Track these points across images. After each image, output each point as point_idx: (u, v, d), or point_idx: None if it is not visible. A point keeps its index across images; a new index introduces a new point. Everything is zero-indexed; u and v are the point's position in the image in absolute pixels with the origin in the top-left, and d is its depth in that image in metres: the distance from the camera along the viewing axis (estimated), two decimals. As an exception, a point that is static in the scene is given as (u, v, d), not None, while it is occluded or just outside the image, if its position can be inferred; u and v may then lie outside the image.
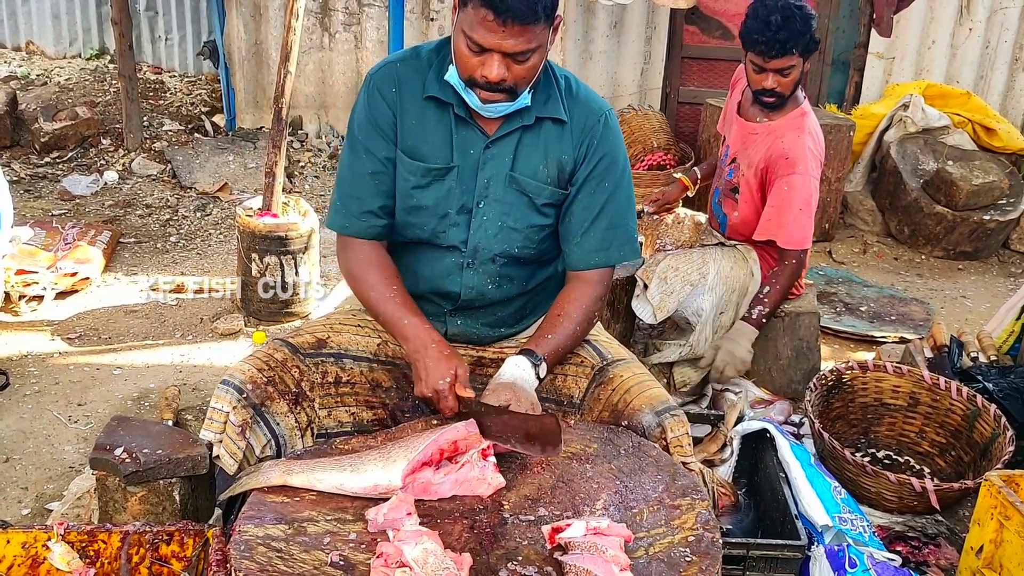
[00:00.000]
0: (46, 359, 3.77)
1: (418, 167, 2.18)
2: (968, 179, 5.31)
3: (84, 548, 2.08)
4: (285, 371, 2.18)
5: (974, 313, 4.74)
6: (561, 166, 2.20)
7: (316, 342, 2.25)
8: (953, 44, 6.08)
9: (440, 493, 1.87)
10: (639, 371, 2.25)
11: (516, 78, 2.02)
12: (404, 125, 2.18)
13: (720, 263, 3.42)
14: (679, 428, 2.11)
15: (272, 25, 6.25)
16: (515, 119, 2.15)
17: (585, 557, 1.64)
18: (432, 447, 1.88)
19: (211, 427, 2.15)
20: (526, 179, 2.19)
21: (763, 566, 2.46)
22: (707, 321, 3.40)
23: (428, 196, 2.20)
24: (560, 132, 2.19)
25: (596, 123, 2.20)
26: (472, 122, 2.16)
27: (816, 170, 3.29)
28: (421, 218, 2.22)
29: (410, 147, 2.18)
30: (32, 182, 5.68)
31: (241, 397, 2.11)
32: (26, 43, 7.76)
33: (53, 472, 3.07)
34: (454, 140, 2.17)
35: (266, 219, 4.02)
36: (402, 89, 2.17)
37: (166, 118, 6.62)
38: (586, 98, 2.23)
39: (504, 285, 2.29)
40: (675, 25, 6.09)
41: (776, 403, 3.49)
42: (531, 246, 2.25)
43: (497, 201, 2.20)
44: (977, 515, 2.43)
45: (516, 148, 2.17)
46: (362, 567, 1.66)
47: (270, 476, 1.93)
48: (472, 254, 2.24)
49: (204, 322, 4.14)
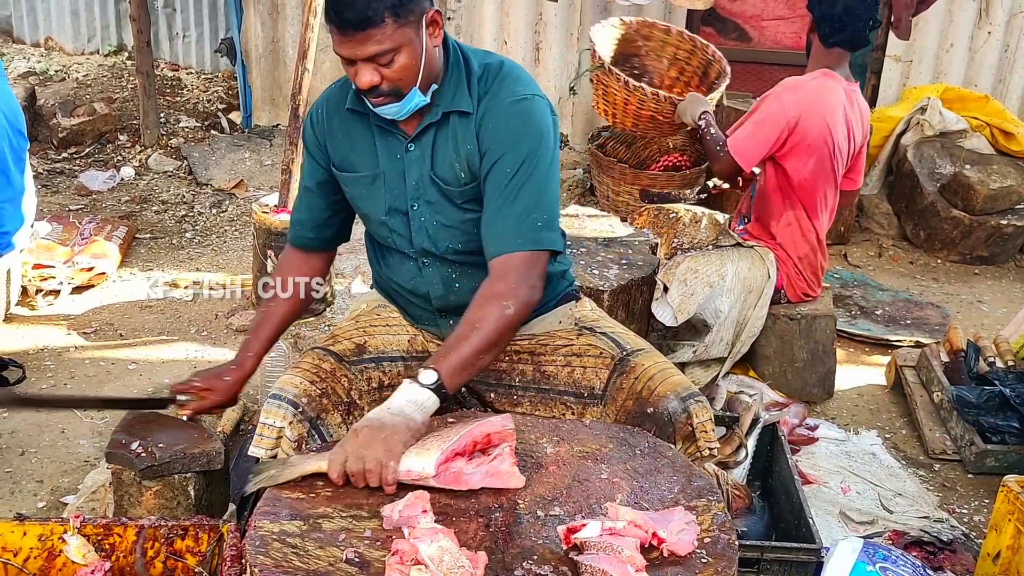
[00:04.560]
0: (62, 353, 3.79)
1: (350, 177, 2.25)
2: (985, 183, 5.28)
3: (100, 541, 2.09)
4: (335, 381, 2.19)
5: (990, 318, 4.71)
6: (470, 159, 2.15)
7: (356, 348, 2.26)
8: (972, 47, 6.04)
9: (470, 484, 1.87)
10: (660, 359, 2.26)
11: (391, 81, 2.03)
12: (333, 142, 2.25)
13: (738, 264, 3.42)
14: (704, 414, 2.12)
15: (289, 23, 6.26)
16: (425, 117, 2.15)
17: (601, 557, 1.63)
18: (466, 438, 1.89)
19: (262, 443, 2.11)
20: (441, 179, 2.18)
21: (777, 569, 2.45)
22: (724, 322, 3.40)
23: (366, 204, 2.26)
24: (467, 124, 2.14)
25: (499, 108, 2.10)
26: (393, 128, 2.18)
27: (790, 100, 3.39)
28: (371, 225, 2.31)
29: (341, 160, 2.25)
30: (49, 177, 5.71)
31: (297, 411, 2.10)
32: (45, 39, 7.79)
33: (68, 466, 3.09)
34: (378, 147, 2.20)
35: (282, 215, 4.02)
36: (329, 110, 2.26)
37: (183, 115, 6.64)
38: (500, 85, 2.13)
39: (471, 275, 2.23)
40: (692, 26, 6.07)
41: (791, 406, 3.49)
42: (474, 239, 2.19)
43: (427, 202, 2.21)
44: (994, 521, 2.41)
45: (432, 147, 2.17)
46: (377, 564, 1.66)
47: (306, 465, 1.93)
48: (422, 254, 2.26)
49: (219, 318, 4.15)
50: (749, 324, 3.53)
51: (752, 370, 3.76)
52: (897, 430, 3.63)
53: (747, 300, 3.44)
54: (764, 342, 3.66)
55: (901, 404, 3.80)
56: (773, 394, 3.59)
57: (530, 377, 2.30)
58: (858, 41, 3.46)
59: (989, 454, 3.28)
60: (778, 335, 3.65)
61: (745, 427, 2.98)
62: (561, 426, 2.11)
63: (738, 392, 3.45)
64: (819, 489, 3.14)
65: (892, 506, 3.09)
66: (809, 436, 3.41)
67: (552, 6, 5.97)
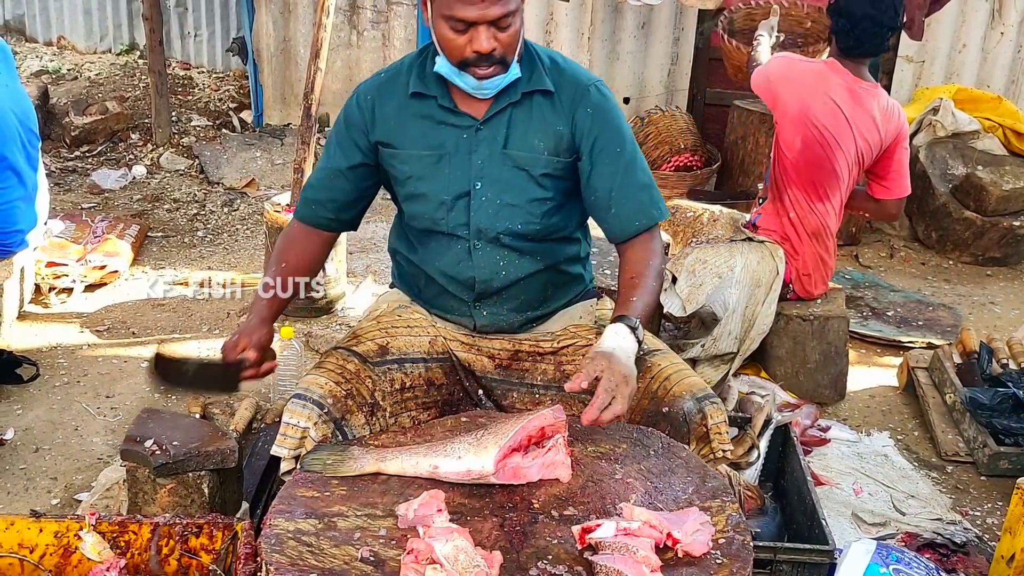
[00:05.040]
0: (75, 351, 3.81)
1: (409, 156, 2.25)
2: (998, 184, 5.26)
3: (115, 539, 2.10)
4: (360, 382, 2.18)
5: (1003, 320, 4.69)
6: (557, 137, 2.22)
7: (379, 349, 2.26)
8: (984, 48, 6.01)
9: (528, 477, 1.89)
10: (676, 360, 2.28)
11: (504, 47, 2.09)
12: (386, 128, 2.26)
13: (747, 256, 3.42)
14: (719, 415, 2.13)
15: (301, 22, 6.28)
16: (502, 98, 2.20)
17: (616, 557, 1.64)
18: (521, 434, 1.90)
19: (285, 443, 2.10)
20: (520, 153, 2.22)
21: (790, 570, 2.45)
22: (733, 314, 3.39)
23: (424, 185, 2.25)
24: (551, 103, 2.22)
25: (587, 92, 2.23)
26: (459, 111, 2.22)
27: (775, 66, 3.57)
28: (422, 207, 2.28)
29: (398, 143, 2.26)
30: (62, 175, 5.74)
31: (322, 412, 2.09)
32: (57, 38, 7.84)
33: (82, 463, 3.10)
34: (443, 128, 2.23)
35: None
36: (382, 97, 2.26)
37: (194, 114, 6.66)
38: (572, 71, 2.27)
39: (517, 263, 2.29)
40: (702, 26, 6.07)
41: (803, 407, 3.48)
42: (535, 221, 2.25)
43: (494, 180, 2.23)
44: (1008, 523, 2.40)
45: (508, 126, 2.21)
46: (392, 563, 1.67)
47: (363, 464, 1.94)
48: (476, 236, 2.26)
49: (231, 317, 4.16)
50: (758, 320, 3.52)
51: (764, 371, 3.75)
52: (909, 432, 3.62)
53: (756, 295, 3.44)
54: (776, 343, 3.66)
55: (913, 406, 3.78)
56: (785, 395, 3.58)
57: (551, 376, 2.31)
58: (879, 50, 3.46)
59: (1002, 456, 3.27)
60: (790, 336, 3.64)
61: (757, 428, 2.98)
62: (575, 426, 2.11)
63: (750, 393, 3.44)
64: (831, 490, 3.13)
65: (904, 508, 3.08)
66: (821, 437, 3.41)
67: (564, 6, 5.97)
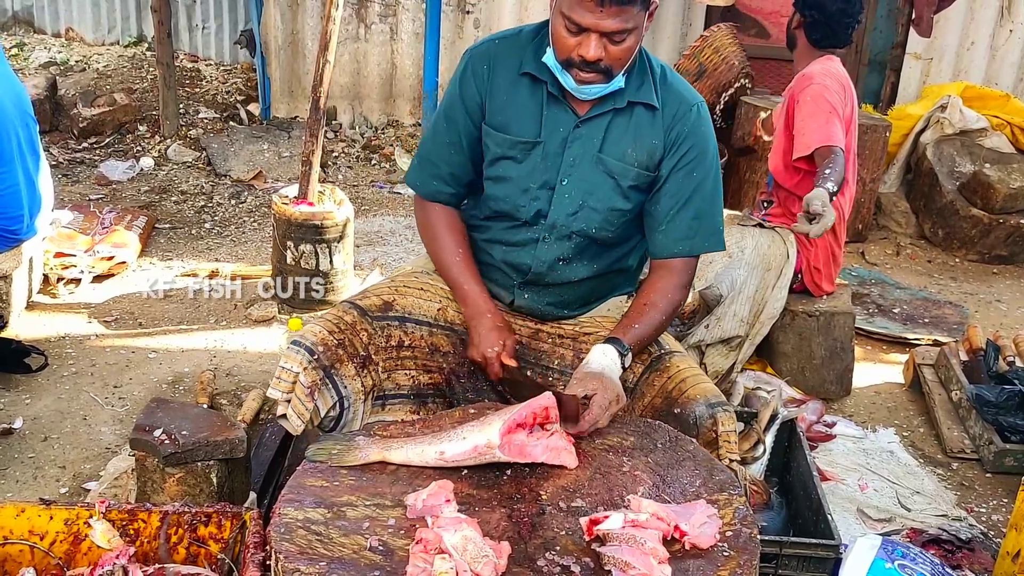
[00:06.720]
0: (83, 341, 3.82)
1: (505, 139, 2.24)
2: (1006, 182, 5.26)
3: (124, 527, 2.11)
4: (354, 334, 2.22)
5: (1009, 318, 4.69)
6: (651, 151, 2.23)
7: (383, 304, 2.29)
8: (993, 45, 6.01)
9: (533, 456, 1.90)
10: (693, 364, 2.30)
11: (612, 59, 2.07)
12: (494, 102, 2.24)
13: (758, 239, 3.46)
14: (730, 424, 2.12)
15: (309, 15, 6.28)
16: (607, 101, 2.20)
17: (623, 549, 1.64)
18: (526, 410, 1.91)
19: (279, 386, 2.16)
20: (613, 160, 2.23)
21: (796, 565, 2.45)
22: (739, 294, 3.41)
23: (513, 169, 2.26)
24: (652, 118, 2.22)
25: (688, 112, 2.23)
26: (564, 101, 2.21)
27: (835, 85, 3.39)
28: (505, 190, 2.28)
29: (499, 122, 2.25)
30: (70, 167, 5.74)
31: (312, 358, 2.14)
32: (66, 29, 7.84)
33: (90, 452, 3.11)
34: (544, 117, 2.22)
35: (302, 207, 4.04)
36: (495, 67, 2.24)
37: (202, 106, 6.67)
38: (679, 88, 2.27)
39: (575, 265, 2.32)
40: (711, 22, 6.05)
41: (809, 402, 3.49)
42: (609, 228, 2.28)
43: (582, 180, 2.24)
44: (1014, 520, 2.41)
45: (606, 130, 2.22)
46: (401, 552, 1.68)
47: (368, 453, 1.95)
48: (549, 229, 2.28)
49: (238, 308, 4.17)
50: (768, 305, 3.53)
51: (770, 366, 3.76)
52: (915, 428, 3.63)
53: (766, 279, 3.45)
54: (782, 338, 3.66)
55: (919, 402, 3.79)
56: (791, 391, 3.59)
57: (568, 362, 2.34)
58: (847, 41, 3.55)
59: (1008, 453, 3.28)
60: (796, 332, 3.64)
61: (763, 423, 2.98)
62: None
63: (755, 388, 3.46)
64: (836, 486, 3.14)
65: (910, 504, 3.09)
66: (827, 433, 3.41)
67: None
